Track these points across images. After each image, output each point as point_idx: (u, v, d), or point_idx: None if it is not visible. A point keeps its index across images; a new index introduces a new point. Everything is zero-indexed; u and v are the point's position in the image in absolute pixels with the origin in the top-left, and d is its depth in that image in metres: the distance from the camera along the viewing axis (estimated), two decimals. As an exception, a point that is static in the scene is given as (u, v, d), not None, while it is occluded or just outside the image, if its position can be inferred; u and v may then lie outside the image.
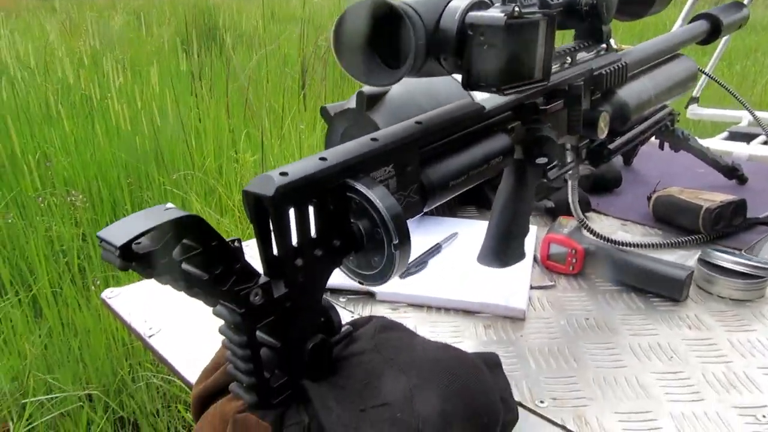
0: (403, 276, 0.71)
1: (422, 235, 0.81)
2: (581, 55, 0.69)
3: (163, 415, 1.41)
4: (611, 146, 0.74)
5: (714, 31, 0.94)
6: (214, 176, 2.17)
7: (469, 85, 0.45)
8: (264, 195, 0.37)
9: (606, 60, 0.71)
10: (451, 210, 0.95)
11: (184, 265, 0.34)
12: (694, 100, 1.80)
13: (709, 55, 1.84)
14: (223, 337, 0.40)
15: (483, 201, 0.96)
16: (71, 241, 1.75)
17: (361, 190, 0.40)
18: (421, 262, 0.74)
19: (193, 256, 0.34)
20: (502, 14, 0.42)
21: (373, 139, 0.44)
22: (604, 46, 0.72)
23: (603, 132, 0.68)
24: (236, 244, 0.37)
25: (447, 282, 0.69)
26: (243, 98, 2.85)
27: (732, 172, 1.01)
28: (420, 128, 0.47)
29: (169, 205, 0.35)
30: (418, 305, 0.67)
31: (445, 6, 0.45)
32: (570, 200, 0.75)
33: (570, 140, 0.68)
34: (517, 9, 0.43)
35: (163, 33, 4.04)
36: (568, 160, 0.71)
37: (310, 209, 0.40)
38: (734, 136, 1.56)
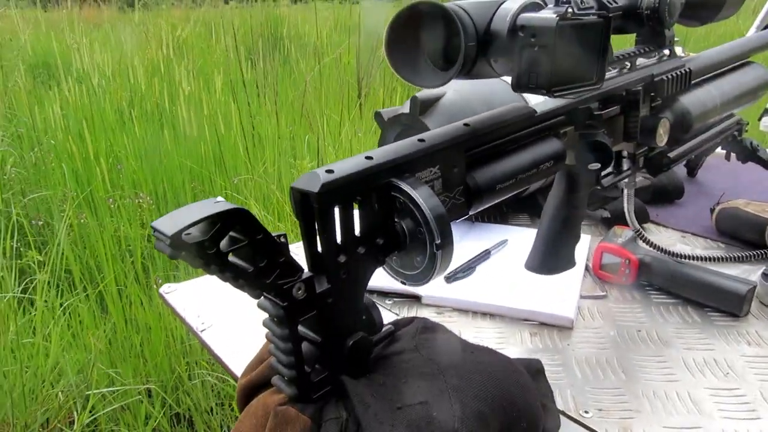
0: (450, 280, 0.71)
1: (472, 240, 0.81)
2: (642, 61, 0.67)
3: (216, 413, 1.46)
4: (671, 155, 0.71)
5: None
6: (273, 181, 2.23)
7: (518, 86, 0.45)
8: (310, 191, 0.38)
9: (668, 66, 0.69)
10: (502, 217, 0.94)
11: (231, 257, 0.36)
12: (767, 111, 1.71)
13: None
14: (267, 330, 0.41)
15: (536, 209, 0.95)
16: (137, 241, 1.84)
17: (406, 189, 0.41)
18: (469, 267, 0.73)
19: (240, 248, 0.35)
20: (555, 15, 0.42)
21: (420, 140, 0.45)
22: (666, 51, 0.70)
23: (662, 139, 0.66)
24: (282, 239, 0.38)
25: (494, 288, 0.68)
26: (303, 106, 2.92)
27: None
28: (468, 130, 0.47)
29: (219, 198, 0.37)
30: (463, 310, 0.66)
31: (498, 7, 0.46)
32: (625, 209, 0.73)
33: (627, 147, 0.67)
34: (570, 10, 0.42)
35: (230, 42, 4.19)
36: (624, 167, 0.69)
37: (355, 207, 0.41)
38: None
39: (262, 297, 0.39)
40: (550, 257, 0.62)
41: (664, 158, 0.71)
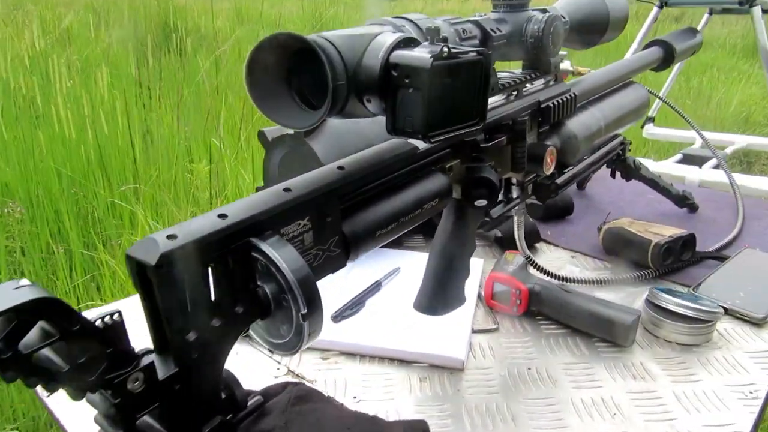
0: (337, 320, 0.66)
1: (362, 268, 0.77)
2: (529, 87, 0.66)
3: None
4: (559, 181, 0.71)
5: (667, 58, 0.93)
6: (167, 187, 2.09)
7: (393, 130, 0.41)
8: (146, 263, 0.32)
9: (554, 91, 0.68)
10: (395, 239, 0.90)
11: (42, 354, 0.29)
12: (650, 119, 1.81)
13: (668, 73, 1.85)
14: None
15: (431, 228, 0.92)
16: (2, 257, 1.65)
17: (266, 251, 0.36)
18: (358, 302, 0.69)
19: (50, 344, 0.29)
20: (429, 55, 0.38)
21: (286, 190, 0.40)
22: (553, 76, 0.69)
23: (549, 167, 0.65)
24: (112, 319, 0.32)
25: (384, 327, 0.65)
26: (199, 105, 2.77)
27: (683, 200, 1.00)
28: (341, 175, 0.43)
29: (24, 281, 0.30)
30: (350, 353, 0.62)
31: (370, 42, 0.41)
32: (516, 236, 0.72)
33: (516, 175, 0.65)
34: (446, 49, 0.39)
35: (118, 33, 3.90)
36: (514, 195, 0.68)
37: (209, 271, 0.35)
38: (688, 159, 1.56)
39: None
40: (439, 296, 0.59)
41: (552, 184, 0.70)
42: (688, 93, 4.04)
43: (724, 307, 0.70)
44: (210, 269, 0.35)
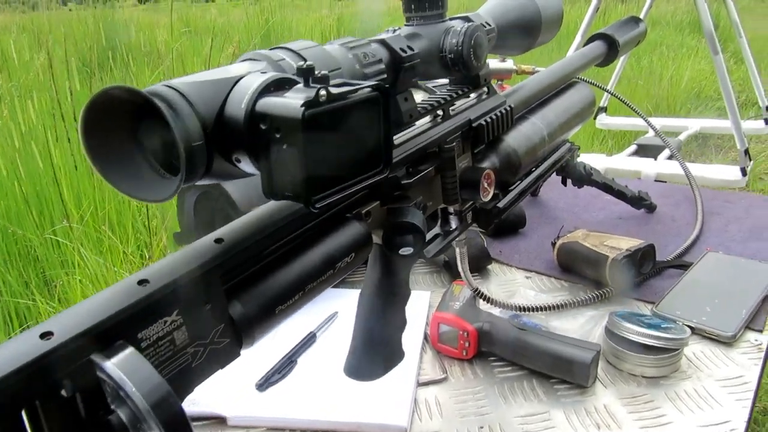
0: (262, 388, 0.58)
1: (293, 316, 0.69)
2: (458, 104, 0.58)
3: None
4: (502, 204, 0.64)
5: (611, 52, 0.87)
6: (112, 221, 1.97)
7: (271, 194, 0.33)
8: None
9: (487, 106, 0.61)
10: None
11: None
12: (602, 109, 1.77)
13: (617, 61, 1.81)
14: None
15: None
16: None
17: (110, 371, 0.28)
18: (289, 362, 0.61)
19: None
20: (299, 101, 0.30)
21: (142, 282, 0.31)
22: (484, 89, 0.62)
23: (488, 193, 0.58)
24: None
25: (318, 392, 0.57)
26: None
27: (639, 201, 0.94)
28: (220, 250, 0.35)
29: None
30: (279, 428, 0.54)
31: (232, 87, 0.33)
32: (460, 269, 0.65)
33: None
34: (323, 92, 0.31)
35: (55, 54, 3.72)
36: (452, 226, 0.60)
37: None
38: (642, 149, 1.52)
39: None
40: (372, 357, 0.51)
41: (494, 209, 0.63)
42: (640, 73, 4.05)
43: (690, 327, 0.64)
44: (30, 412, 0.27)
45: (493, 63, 1.19)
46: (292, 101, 0.30)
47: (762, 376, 0.59)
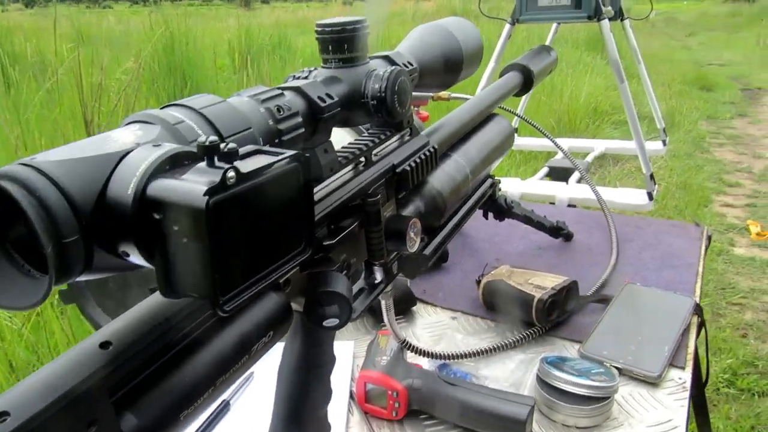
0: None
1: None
2: (380, 149, 0.54)
3: None
4: (429, 251, 0.60)
5: (527, 82, 0.87)
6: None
7: (169, 293, 0.27)
8: None
9: (411, 148, 0.58)
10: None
11: None
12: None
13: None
14: None
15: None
16: None
17: None
18: (199, 440, 0.54)
19: None
20: (202, 187, 0.25)
21: (2, 415, 0.25)
22: (407, 130, 0.58)
23: (414, 243, 0.54)
24: None
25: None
26: (34, 145, 2.41)
27: (557, 231, 0.95)
28: (107, 357, 0.28)
29: None
30: None
31: (115, 167, 0.27)
32: (386, 320, 0.61)
33: (376, 256, 0.53)
34: (231, 173, 0.25)
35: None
36: (377, 278, 0.56)
37: None
38: (554, 171, 1.56)
39: None
40: (294, 437, 0.46)
41: (421, 256, 0.59)
42: (543, 89, 4.22)
43: (617, 368, 0.63)
44: None
45: (409, 89, 1.17)
46: (194, 187, 0.25)
47: (689, 418, 0.59)
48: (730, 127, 4.77)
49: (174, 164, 0.27)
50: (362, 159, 0.51)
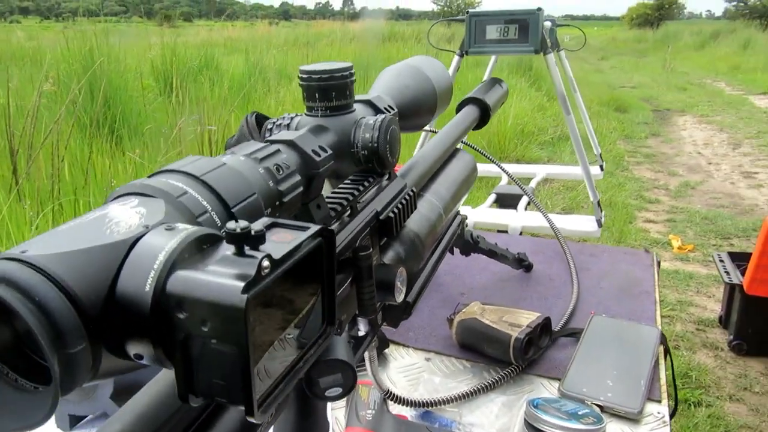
0: None
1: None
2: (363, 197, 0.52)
3: None
4: (412, 298, 0.58)
5: (484, 115, 0.87)
6: None
7: (192, 396, 0.24)
8: None
9: (391, 193, 0.55)
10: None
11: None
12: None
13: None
14: None
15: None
16: None
17: None
18: None
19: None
20: (239, 284, 0.21)
21: None
22: (387, 173, 0.57)
23: (401, 292, 0.52)
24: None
25: None
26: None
27: (519, 263, 0.95)
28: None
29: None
30: None
31: (126, 255, 0.23)
32: (370, 373, 0.58)
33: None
34: (266, 263, 0.22)
35: None
36: (361, 331, 0.54)
37: None
38: (501, 198, 1.59)
39: None
40: None
41: (404, 303, 0.57)
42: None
43: (598, 405, 0.63)
44: None
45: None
46: (228, 283, 0.21)
47: (673, 455, 0.59)
48: (645, 146, 5.07)
49: (193, 252, 0.24)
50: (348, 209, 0.48)
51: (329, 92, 0.45)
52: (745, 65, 10.17)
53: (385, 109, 0.53)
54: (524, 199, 1.41)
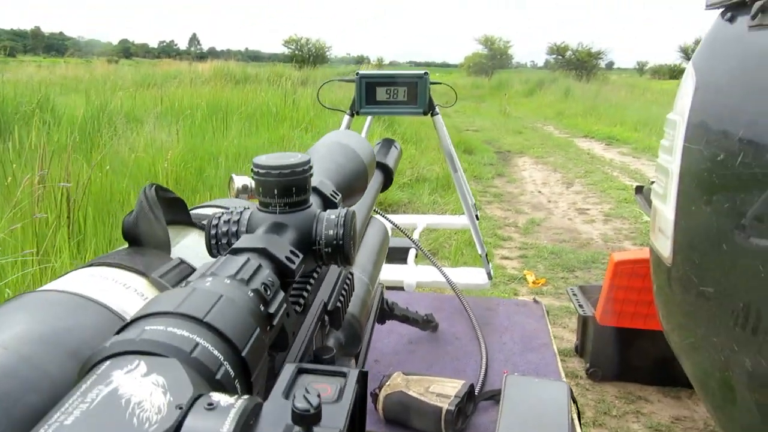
0: None
1: None
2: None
3: None
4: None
5: (387, 179, 0.88)
6: None
7: None
8: None
9: (332, 278, 0.53)
10: None
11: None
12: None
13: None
14: None
15: None
16: None
17: None
18: None
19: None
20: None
21: None
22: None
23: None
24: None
25: None
26: None
27: (427, 324, 0.96)
28: None
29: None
30: None
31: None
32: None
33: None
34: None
35: None
36: None
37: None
38: (389, 252, 1.59)
39: None
40: None
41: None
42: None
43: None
44: None
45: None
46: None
47: None
48: (493, 186, 5.48)
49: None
50: (301, 299, 0.45)
51: (290, 188, 0.42)
52: (568, 111, 11.53)
53: (332, 195, 0.51)
54: (412, 252, 1.44)
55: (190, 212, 0.54)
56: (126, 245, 0.46)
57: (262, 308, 0.31)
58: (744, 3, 0.98)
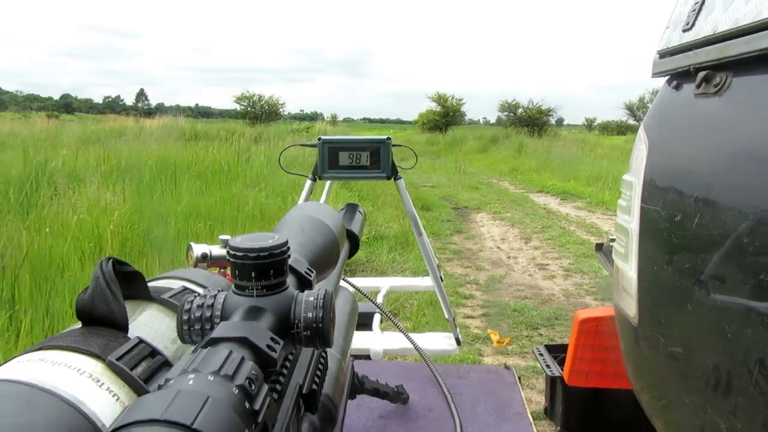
0: None
1: None
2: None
3: None
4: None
5: (354, 246, 0.87)
6: None
7: None
8: None
9: (305, 359, 0.51)
10: None
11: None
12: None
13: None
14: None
15: None
16: None
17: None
18: None
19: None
20: None
21: None
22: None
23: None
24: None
25: None
26: None
27: (398, 396, 0.93)
28: None
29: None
30: None
31: None
32: None
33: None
34: None
35: None
36: None
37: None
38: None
39: None
40: None
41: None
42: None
43: None
44: None
45: (217, 250, 1.07)
46: None
47: None
48: (452, 242, 5.53)
49: None
50: (278, 386, 0.43)
51: (267, 271, 0.40)
52: (522, 167, 11.89)
53: (306, 273, 0.50)
54: (377, 317, 1.42)
55: (148, 284, 0.51)
56: (78, 324, 0.43)
57: (247, 405, 0.29)
58: (688, 72, 1.04)
